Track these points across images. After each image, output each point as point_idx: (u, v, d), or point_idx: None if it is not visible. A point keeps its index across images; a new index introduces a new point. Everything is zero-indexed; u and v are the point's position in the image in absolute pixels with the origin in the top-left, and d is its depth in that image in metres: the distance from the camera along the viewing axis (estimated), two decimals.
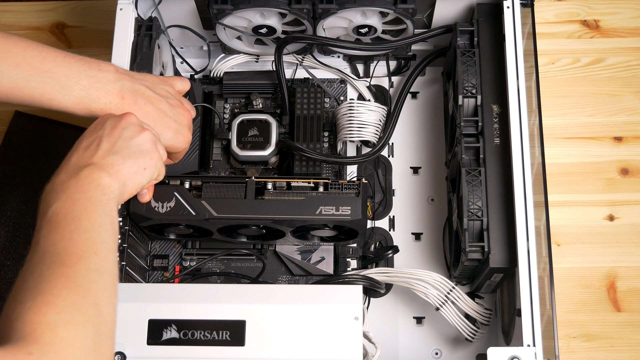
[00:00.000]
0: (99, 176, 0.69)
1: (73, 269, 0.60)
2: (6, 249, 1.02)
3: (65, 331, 0.55)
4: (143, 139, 0.75)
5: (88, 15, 1.19)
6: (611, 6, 1.15)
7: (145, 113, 0.79)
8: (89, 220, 0.65)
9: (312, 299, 0.81)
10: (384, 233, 1.01)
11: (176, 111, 0.83)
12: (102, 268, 0.62)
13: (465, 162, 0.90)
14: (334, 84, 1.07)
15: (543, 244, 0.85)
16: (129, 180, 0.73)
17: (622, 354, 0.99)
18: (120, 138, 0.73)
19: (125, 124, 0.75)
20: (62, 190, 0.67)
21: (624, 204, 1.05)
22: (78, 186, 0.67)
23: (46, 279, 0.58)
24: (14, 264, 1.01)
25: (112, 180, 0.70)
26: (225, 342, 0.79)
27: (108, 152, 0.72)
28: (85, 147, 0.72)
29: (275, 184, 0.89)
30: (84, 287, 0.59)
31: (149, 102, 0.80)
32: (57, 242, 0.62)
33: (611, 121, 1.09)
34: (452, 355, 0.95)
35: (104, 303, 0.60)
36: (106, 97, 0.77)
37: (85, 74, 0.76)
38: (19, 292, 0.58)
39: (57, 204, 0.65)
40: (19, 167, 1.07)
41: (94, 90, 0.76)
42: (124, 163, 0.72)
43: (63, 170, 0.70)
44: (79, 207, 0.65)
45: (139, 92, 0.79)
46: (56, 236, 0.62)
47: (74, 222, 0.64)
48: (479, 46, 0.93)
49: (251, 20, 0.97)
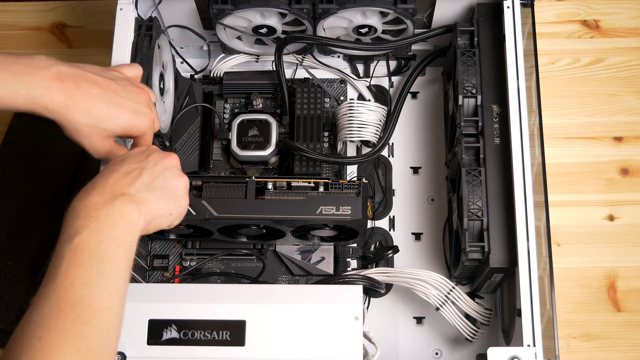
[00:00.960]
0: (130, 211, 0.68)
1: (87, 328, 0.59)
2: (6, 249, 1.02)
3: None
4: (180, 184, 0.75)
5: (88, 15, 1.19)
6: (611, 6, 1.15)
7: (92, 96, 0.75)
8: (112, 267, 0.64)
9: (312, 299, 0.81)
10: (384, 233, 1.01)
11: (129, 90, 0.79)
12: (113, 328, 0.62)
13: (465, 162, 0.90)
14: (334, 84, 1.07)
15: (543, 244, 0.85)
16: (154, 221, 0.72)
17: (622, 354, 0.99)
18: (160, 176, 0.73)
19: (169, 164, 0.75)
20: (93, 218, 0.65)
21: (624, 204, 1.05)
22: (109, 219, 0.66)
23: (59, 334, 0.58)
24: (14, 264, 1.01)
25: (141, 218, 0.69)
26: (225, 342, 0.79)
27: (145, 187, 0.71)
28: (126, 173, 0.71)
29: (276, 184, 0.89)
30: (94, 352, 0.59)
31: (95, 85, 0.75)
32: (76, 286, 0.61)
33: (611, 121, 1.09)
34: (452, 355, 0.95)
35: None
36: (42, 82, 0.72)
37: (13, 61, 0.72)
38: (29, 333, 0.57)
39: (85, 237, 0.64)
40: (19, 167, 1.06)
41: (25, 75, 0.72)
42: (156, 202, 0.71)
43: (98, 189, 0.68)
44: (105, 248, 0.64)
45: (81, 75, 0.75)
46: (77, 277, 0.61)
47: (97, 264, 0.63)
48: (479, 46, 0.93)
49: (251, 20, 0.97)
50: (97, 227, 0.65)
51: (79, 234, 0.64)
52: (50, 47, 1.17)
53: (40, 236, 1.03)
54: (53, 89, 0.73)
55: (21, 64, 0.72)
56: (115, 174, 0.70)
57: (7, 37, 1.18)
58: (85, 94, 0.75)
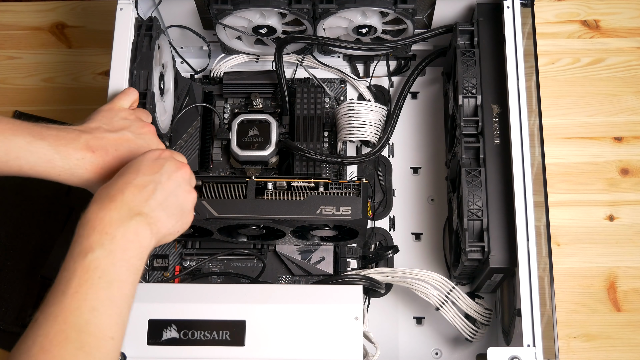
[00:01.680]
0: (143, 232, 0.68)
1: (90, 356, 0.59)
2: (6, 249, 1.02)
3: None
4: (189, 200, 0.76)
5: (88, 15, 1.19)
6: (611, 6, 1.15)
7: (120, 157, 0.78)
8: (120, 292, 0.64)
9: (312, 299, 0.81)
10: (384, 233, 1.01)
11: (139, 133, 0.82)
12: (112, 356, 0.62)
13: (465, 162, 0.90)
14: (334, 84, 1.07)
15: (543, 244, 0.85)
16: (163, 239, 0.72)
17: (622, 354, 0.99)
18: (172, 193, 0.73)
19: (181, 179, 0.75)
20: (109, 236, 0.65)
21: (624, 204, 1.05)
22: (123, 240, 0.66)
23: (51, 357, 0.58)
24: (14, 264, 1.01)
25: (152, 240, 0.69)
26: (225, 342, 0.79)
27: (159, 205, 0.71)
28: (141, 187, 0.70)
29: (276, 184, 0.89)
30: None
31: (118, 144, 0.78)
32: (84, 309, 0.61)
33: (611, 121, 1.09)
34: (452, 355, 0.95)
35: None
36: (76, 154, 0.75)
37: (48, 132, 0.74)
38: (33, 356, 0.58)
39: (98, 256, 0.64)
40: None
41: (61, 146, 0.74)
42: (167, 221, 0.72)
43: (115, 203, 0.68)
44: (117, 271, 0.64)
45: (104, 139, 0.78)
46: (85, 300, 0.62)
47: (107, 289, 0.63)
48: (479, 46, 0.93)
49: (251, 20, 0.97)
50: (111, 247, 0.65)
51: (92, 251, 0.64)
52: (50, 47, 1.17)
53: (40, 236, 1.03)
54: (86, 160, 0.75)
55: (54, 135, 0.74)
56: (132, 188, 0.70)
57: (7, 37, 1.18)
58: (114, 158, 0.77)
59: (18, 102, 1.12)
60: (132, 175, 0.71)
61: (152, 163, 0.74)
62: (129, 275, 0.66)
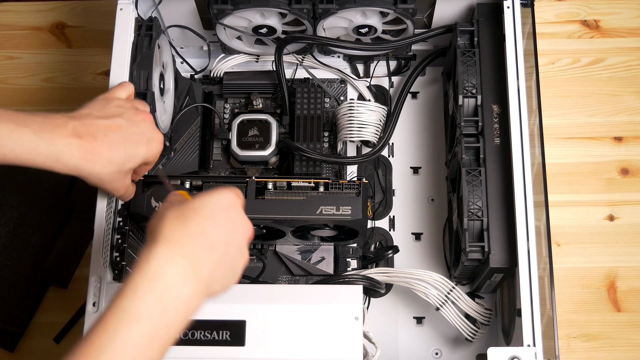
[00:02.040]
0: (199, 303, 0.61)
1: None
2: (6, 249, 1.02)
3: None
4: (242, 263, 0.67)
5: (88, 15, 1.19)
6: (611, 6, 1.15)
7: (109, 145, 0.76)
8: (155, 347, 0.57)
9: (312, 299, 0.81)
10: (384, 233, 1.01)
11: (135, 121, 0.80)
12: None
13: (465, 162, 0.90)
14: (334, 84, 1.07)
15: (543, 244, 0.85)
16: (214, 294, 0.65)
17: (622, 354, 0.99)
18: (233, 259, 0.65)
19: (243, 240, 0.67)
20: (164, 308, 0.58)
21: (624, 204, 1.05)
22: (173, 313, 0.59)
23: None
24: (14, 264, 1.01)
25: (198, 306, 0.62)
26: (225, 342, 0.79)
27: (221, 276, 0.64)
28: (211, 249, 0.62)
29: (276, 184, 0.89)
30: None
31: (108, 131, 0.76)
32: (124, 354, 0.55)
33: (611, 121, 1.09)
34: (452, 355, 0.95)
35: None
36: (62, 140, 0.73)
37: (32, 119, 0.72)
38: None
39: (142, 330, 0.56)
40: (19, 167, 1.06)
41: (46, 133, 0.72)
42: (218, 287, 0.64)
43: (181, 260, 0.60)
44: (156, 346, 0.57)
45: (93, 125, 0.76)
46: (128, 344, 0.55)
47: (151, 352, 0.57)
48: (479, 46, 0.93)
49: (251, 20, 0.97)
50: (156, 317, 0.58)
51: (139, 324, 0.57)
52: (50, 47, 1.17)
53: (40, 236, 1.03)
54: (72, 146, 0.73)
55: (40, 122, 0.72)
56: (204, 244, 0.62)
57: (7, 37, 1.18)
58: (103, 144, 0.75)
59: (18, 102, 1.12)
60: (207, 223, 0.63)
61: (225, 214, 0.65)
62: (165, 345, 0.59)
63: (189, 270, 0.60)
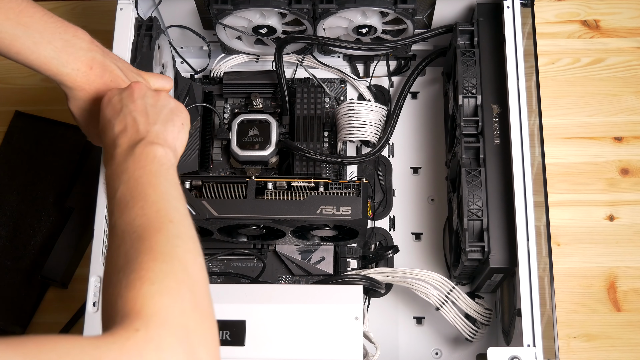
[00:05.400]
0: (153, 149, 0.69)
1: (154, 241, 0.60)
2: (6, 249, 1.02)
3: (162, 299, 0.56)
4: (164, 99, 0.75)
5: (88, 15, 1.19)
6: (611, 6, 1.15)
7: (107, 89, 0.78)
8: (157, 193, 0.65)
9: (312, 299, 0.81)
10: (384, 233, 1.01)
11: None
12: (181, 233, 0.63)
13: (465, 162, 0.90)
14: (334, 84, 1.07)
15: (543, 244, 0.85)
16: (177, 142, 0.73)
17: (622, 354, 0.99)
18: (147, 107, 0.73)
19: (141, 92, 0.75)
20: (122, 171, 0.67)
21: (624, 204, 1.05)
22: (136, 164, 0.67)
23: (133, 257, 0.59)
24: (14, 264, 1.01)
25: (165, 149, 0.70)
26: (225, 342, 0.79)
27: (147, 124, 0.72)
28: (124, 128, 0.71)
29: (276, 183, 0.89)
30: (169, 254, 0.60)
31: (114, 81, 0.79)
32: (132, 221, 0.63)
33: (611, 121, 1.09)
34: (452, 355, 0.95)
35: (190, 264, 0.60)
36: (75, 63, 0.76)
37: (60, 36, 0.76)
38: (113, 275, 0.59)
39: (122, 186, 0.66)
40: (19, 167, 1.07)
41: (64, 53, 0.75)
42: (165, 129, 0.72)
43: (115, 154, 0.70)
44: (144, 183, 0.66)
45: (108, 68, 0.78)
46: (129, 215, 0.63)
47: (143, 198, 0.64)
48: (479, 46, 0.93)
49: (251, 20, 0.97)
50: (128, 175, 0.66)
51: (117, 189, 0.66)
52: None
53: (40, 236, 1.03)
54: (80, 73, 0.77)
55: (65, 41, 0.76)
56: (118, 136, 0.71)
57: None
58: (103, 84, 0.78)
59: (18, 102, 1.12)
60: (109, 131, 0.72)
61: (111, 107, 0.74)
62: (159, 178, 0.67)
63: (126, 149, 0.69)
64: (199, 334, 0.56)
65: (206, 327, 0.57)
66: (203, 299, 0.59)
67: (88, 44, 0.78)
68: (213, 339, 0.58)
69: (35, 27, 0.74)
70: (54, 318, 1.01)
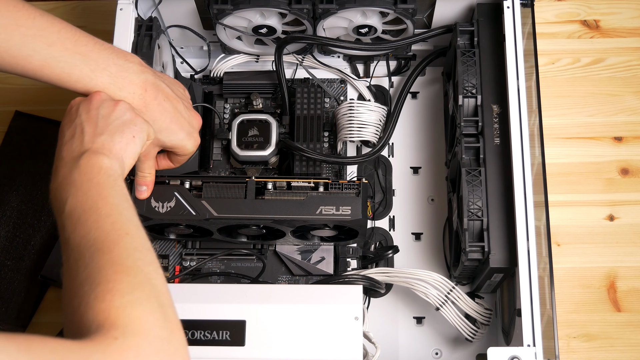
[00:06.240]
0: (97, 160, 0.69)
1: (115, 254, 0.61)
2: (6, 249, 1.02)
3: (135, 311, 0.57)
4: (120, 110, 0.76)
5: (88, 15, 1.19)
6: (611, 6, 1.15)
7: (163, 109, 0.80)
8: (107, 205, 0.66)
9: (312, 299, 0.81)
10: (384, 233, 1.01)
11: (190, 114, 0.85)
12: (138, 245, 0.64)
13: (465, 162, 0.90)
14: (334, 84, 1.07)
15: (543, 244, 0.85)
16: (124, 154, 0.73)
17: (622, 354, 0.99)
18: (99, 118, 0.74)
19: (98, 103, 0.75)
20: (69, 184, 0.67)
21: (624, 204, 1.05)
22: (82, 176, 0.68)
23: (95, 271, 0.60)
24: (14, 264, 1.02)
25: (111, 160, 0.70)
26: (225, 342, 0.79)
27: (94, 135, 0.72)
28: (71, 138, 0.72)
29: (276, 184, 0.89)
30: (132, 267, 0.61)
31: (168, 100, 0.81)
32: (87, 235, 0.63)
33: (611, 121, 1.09)
34: (452, 355, 0.95)
35: (153, 276, 0.62)
36: (130, 87, 0.78)
37: (114, 61, 0.78)
38: (76, 289, 0.60)
39: (70, 200, 0.66)
40: (19, 167, 1.07)
41: (119, 78, 0.77)
42: (112, 140, 0.72)
43: (60, 166, 0.71)
44: (93, 196, 0.66)
45: (160, 87, 0.81)
46: (83, 229, 0.64)
47: (94, 211, 0.65)
48: (479, 46, 0.93)
49: (251, 20, 0.97)
50: (75, 188, 0.67)
51: (65, 202, 0.66)
52: None
53: (40, 236, 1.03)
54: (136, 96, 0.78)
55: (119, 65, 0.78)
56: (65, 145, 0.72)
57: None
58: (158, 105, 0.80)
59: (18, 102, 1.12)
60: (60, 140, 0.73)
61: (68, 116, 0.75)
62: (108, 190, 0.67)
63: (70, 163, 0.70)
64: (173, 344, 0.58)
65: (178, 337, 0.59)
66: (170, 310, 0.61)
67: (139, 66, 0.80)
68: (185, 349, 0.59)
69: (91, 55, 0.76)
70: (54, 318, 1.01)
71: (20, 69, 0.76)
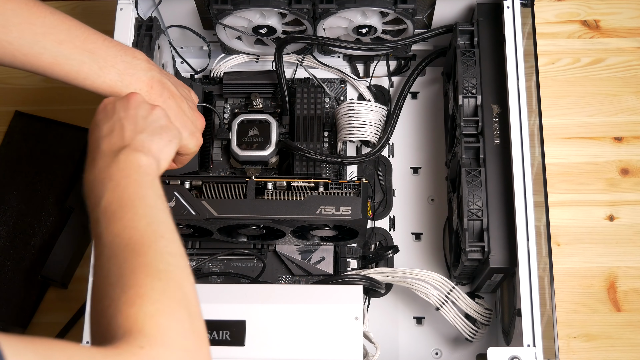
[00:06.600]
0: (136, 157, 0.68)
1: (148, 258, 0.60)
2: (6, 249, 1.02)
3: (164, 319, 0.56)
4: (158, 114, 0.76)
5: (88, 15, 1.19)
6: (611, 6, 1.15)
7: (167, 107, 0.80)
8: (144, 205, 0.65)
9: (312, 299, 0.81)
10: (384, 233, 1.01)
11: (194, 114, 0.85)
12: (172, 250, 0.63)
13: (465, 162, 0.90)
14: (334, 84, 1.07)
15: (543, 244, 0.85)
16: (161, 155, 0.73)
17: (622, 354, 0.99)
18: (138, 117, 0.74)
19: (136, 104, 0.75)
20: (107, 178, 0.66)
21: (624, 204, 1.05)
22: (121, 172, 0.67)
23: (128, 273, 0.59)
24: (14, 264, 1.01)
25: (150, 159, 0.70)
26: (225, 342, 0.79)
27: (135, 132, 0.71)
28: (110, 132, 0.71)
29: (276, 184, 0.89)
30: (164, 272, 0.60)
31: (172, 98, 0.81)
32: (121, 232, 0.62)
33: (611, 121, 1.09)
34: (452, 355, 0.95)
35: (185, 284, 0.61)
36: (137, 84, 0.78)
37: (121, 59, 0.78)
38: (106, 289, 0.59)
39: (108, 194, 0.65)
40: (19, 167, 1.07)
41: (127, 75, 0.78)
42: (152, 140, 0.72)
43: (98, 158, 0.69)
44: (130, 193, 0.65)
45: (166, 85, 0.81)
46: (117, 227, 0.63)
47: (131, 209, 0.64)
48: (479, 46, 0.93)
49: (251, 20, 0.97)
50: (113, 183, 0.66)
51: (101, 197, 0.65)
52: None
53: (40, 236, 1.03)
54: (142, 93, 0.79)
55: (127, 63, 0.79)
56: (103, 139, 0.71)
57: None
58: (163, 103, 0.80)
59: (18, 102, 1.12)
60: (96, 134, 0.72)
61: (104, 112, 0.74)
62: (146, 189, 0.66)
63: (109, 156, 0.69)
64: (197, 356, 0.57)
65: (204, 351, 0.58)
66: (198, 320, 0.60)
67: (146, 63, 0.80)
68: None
69: (99, 52, 0.77)
70: (54, 318, 1.01)
71: (31, 66, 0.76)
